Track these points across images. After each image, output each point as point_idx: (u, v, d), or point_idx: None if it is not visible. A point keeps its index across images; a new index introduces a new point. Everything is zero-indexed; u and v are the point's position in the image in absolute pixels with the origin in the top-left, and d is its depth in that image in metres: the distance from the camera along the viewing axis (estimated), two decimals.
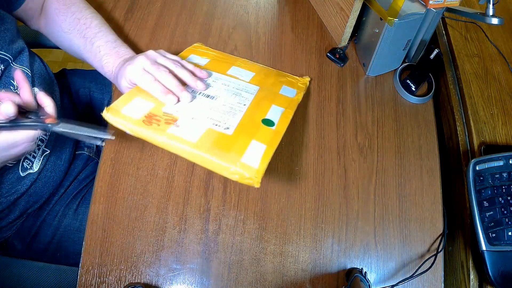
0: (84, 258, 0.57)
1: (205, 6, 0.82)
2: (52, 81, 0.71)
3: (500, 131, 0.65)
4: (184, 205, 0.61)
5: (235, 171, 0.47)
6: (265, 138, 0.52)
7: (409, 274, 0.60)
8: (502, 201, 0.56)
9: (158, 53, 0.57)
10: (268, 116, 0.57)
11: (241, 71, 0.67)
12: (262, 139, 0.52)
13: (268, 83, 0.66)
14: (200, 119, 0.53)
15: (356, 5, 0.68)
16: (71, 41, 0.65)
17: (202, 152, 0.48)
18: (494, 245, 0.55)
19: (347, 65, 0.77)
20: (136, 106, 0.53)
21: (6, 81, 0.57)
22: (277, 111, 0.59)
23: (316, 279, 0.59)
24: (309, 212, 0.62)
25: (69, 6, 0.66)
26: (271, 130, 0.54)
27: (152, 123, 0.51)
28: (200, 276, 0.58)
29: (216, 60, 0.69)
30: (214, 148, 0.49)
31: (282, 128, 0.55)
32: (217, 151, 0.49)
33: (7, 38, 0.58)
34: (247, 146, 0.51)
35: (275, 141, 0.53)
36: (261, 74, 0.68)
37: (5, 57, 0.58)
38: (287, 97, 0.64)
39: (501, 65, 0.73)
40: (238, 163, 0.48)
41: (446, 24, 0.79)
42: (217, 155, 0.48)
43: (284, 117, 0.58)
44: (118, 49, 0.62)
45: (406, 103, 0.73)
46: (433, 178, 0.67)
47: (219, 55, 0.72)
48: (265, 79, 0.67)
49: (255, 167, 0.48)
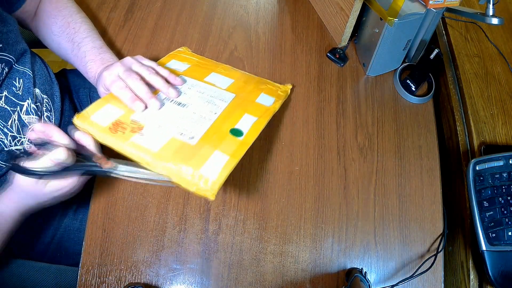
0: (84, 258, 0.57)
1: (205, 6, 0.82)
2: (52, 81, 0.71)
3: (500, 131, 0.65)
4: (184, 205, 0.61)
5: (193, 182, 0.47)
6: (230, 149, 0.51)
7: (409, 274, 0.60)
8: (502, 201, 0.56)
9: (135, 60, 0.57)
10: (238, 125, 0.55)
11: (220, 77, 0.65)
12: (226, 150, 0.51)
13: (246, 91, 0.64)
14: (166, 127, 0.53)
15: (356, 5, 0.68)
16: (60, 44, 0.66)
17: (162, 162, 0.48)
18: (494, 245, 0.55)
19: (347, 65, 0.77)
20: (105, 113, 0.53)
21: (9, 83, 0.58)
22: (249, 120, 0.57)
23: (316, 279, 0.59)
24: (309, 212, 0.62)
25: (61, 10, 0.67)
26: (238, 140, 0.53)
27: (117, 131, 0.51)
28: (200, 276, 0.58)
29: (196, 66, 0.68)
30: (174, 158, 0.48)
31: (251, 138, 0.54)
32: (177, 161, 0.48)
33: (10, 40, 0.58)
34: (208, 157, 0.49)
35: (239, 152, 0.51)
36: (240, 81, 0.66)
37: (9, 58, 0.58)
38: (263, 105, 0.61)
39: (501, 65, 0.73)
40: (197, 174, 0.47)
41: (446, 24, 0.79)
42: (176, 165, 0.48)
43: (255, 127, 0.56)
44: (103, 56, 0.63)
45: (406, 103, 0.73)
46: (433, 178, 0.67)
47: (201, 61, 0.70)
48: (243, 86, 0.65)
49: (213, 178, 0.47)
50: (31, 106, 0.61)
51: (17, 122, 0.58)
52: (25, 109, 0.60)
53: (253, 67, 0.75)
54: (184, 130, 0.53)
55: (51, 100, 0.68)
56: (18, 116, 0.58)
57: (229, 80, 0.65)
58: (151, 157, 0.48)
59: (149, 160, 0.48)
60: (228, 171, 0.48)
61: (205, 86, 0.62)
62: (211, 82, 0.63)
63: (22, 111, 0.59)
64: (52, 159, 0.45)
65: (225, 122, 0.55)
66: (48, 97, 0.66)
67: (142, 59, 0.59)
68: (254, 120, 0.57)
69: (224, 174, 0.48)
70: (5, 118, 0.56)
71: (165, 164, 0.48)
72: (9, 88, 0.57)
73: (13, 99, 0.58)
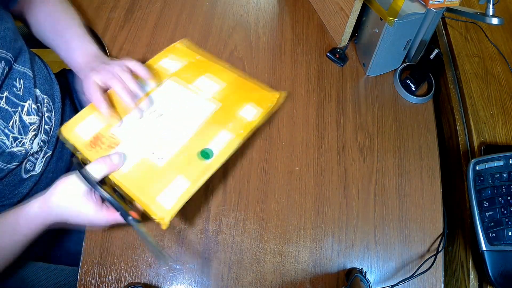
0: (84, 258, 0.57)
1: (205, 6, 0.82)
2: (53, 81, 0.71)
3: (500, 131, 0.65)
4: (184, 205, 0.61)
5: (151, 210, 0.48)
6: (193, 174, 0.51)
7: (409, 274, 0.60)
8: (502, 201, 0.56)
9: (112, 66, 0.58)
10: (210, 145, 0.55)
11: (210, 83, 0.63)
12: (189, 175, 0.51)
13: (232, 99, 0.61)
14: (140, 144, 0.54)
15: (356, 5, 0.68)
16: (44, 32, 0.67)
17: (127, 184, 0.50)
18: (494, 245, 0.55)
19: (347, 65, 0.77)
20: (88, 124, 0.56)
21: (9, 83, 0.57)
22: (224, 138, 0.56)
23: (316, 279, 0.59)
24: (309, 212, 0.62)
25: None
26: (204, 164, 0.53)
27: (96, 145, 0.53)
28: (200, 276, 0.58)
29: (191, 65, 0.66)
30: (139, 181, 0.50)
31: (219, 160, 0.53)
32: (141, 185, 0.50)
33: (8, 37, 0.58)
34: (170, 182, 0.51)
35: (202, 176, 0.51)
36: (232, 85, 0.64)
37: (7, 56, 0.58)
38: (244, 119, 0.59)
39: (501, 65, 0.73)
40: (154, 202, 0.48)
41: (446, 24, 0.79)
42: (139, 190, 0.50)
43: (228, 146, 0.55)
44: (86, 46, 0.64)
45: (406, 103, 0.73)
46: (433, 178, 0.67)
47: (201, 58, 0.69)
48: (231, 94, 0.62)
49: (167, 208, 0.48)
50: (32, 106, 0.61)
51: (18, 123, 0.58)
52: (26, 109, 0.59)
53: (253, 67, 0.75)
54: (156, 149, 0.54)
55: (52, 100, 0.68)
56: (19, 116, 0.58)
57: (218, 85, 0.63)
58: (119, 177, 0.51)
59: (118, 179, 0.51)
60: (186, 198, 0.50)
61: (190, 95, 0.61)
62: (199, 87, 0.62)
63: (23, 111, 0.59)
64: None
65: (198, 140, 0.55)
66: (48, 97, 0.66)
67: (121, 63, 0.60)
68: (229, 138, 0.56)
69: (180, 202, 0.49)
70: (6, 119, 0.56)
71: (129, 187, 0.50)
72: (10, 89, 0.57)
73: (14, 100, 0.58)
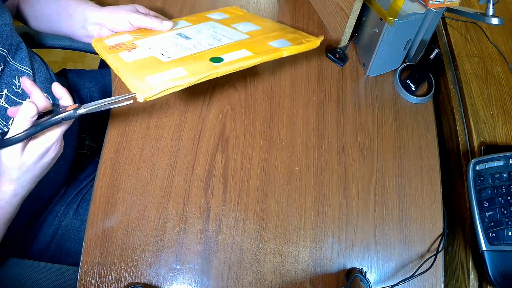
0: (84, 258, 0.57)
1: (205, 6, 0.82)
2: (53, 80, 0.71)
3: (500, 131, 0.65)
4: (184, 205, 0.61)
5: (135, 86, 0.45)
6: (194, 69, 0.47)
7: (409, 274, 0.60)
8: (502, 201, 0.56)
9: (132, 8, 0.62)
10: (224, 55, 0.50)
11: (248, 24, 0.62)
12: (189, 68, 0.47)
13: (265, 35, 0.58)
14: (154, 50, 0.53)
15: (356, 5, 0.68)
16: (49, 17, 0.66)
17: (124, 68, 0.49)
18: (494, 245, 0.55)
19: (347, 65, 0.77)
20: (118, 38, 0.57)
21: (9, 81, 0.57)
22: (241, 54, 0.51)
23: (316, 279, 0.59)
24: (309, 212, 0.62)
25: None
26: (210, 65, 0.48)
27: (115, 48, 0.54)
28: (200, 276, 0.58)
29: (236, 16, 0.68)
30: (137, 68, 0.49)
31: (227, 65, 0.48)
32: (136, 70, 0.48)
33: (4, 33, 0.58)
34: (167, 70, 0.47)
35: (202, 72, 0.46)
36: (269, 28, 0.60)
37: (3, 52, 0.58)
38: (272, 46, 0.54)
39: (501, 65, 0.73)
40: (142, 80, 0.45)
41: (446, 24, 0.79)
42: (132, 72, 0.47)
43: (242, 59, 0.49)
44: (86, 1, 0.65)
45: (406, 103, 0.73)
46: (433, 178, 0.67)
47: (246, 13, 0.70)
48: (266, 32, 0.59)
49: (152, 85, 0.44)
50: None
51: None
52: None
53: (253, 67, 0.74)
54: (168, 52, 0.52)
55: (52, 98, 0.68)
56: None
57: (256, 26, 0.61)
58: (121, 65, 0.50)
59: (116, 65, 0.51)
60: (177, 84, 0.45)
61: (224, 27, 0.61)
62: (234, 27, 0.61)
63: None
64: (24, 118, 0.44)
65: (213, 53, 0.51)
66: (49, 96, 0.66)
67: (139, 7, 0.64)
68: (246, 54, 0.51)
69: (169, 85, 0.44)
70: (6, 118, 0.56)
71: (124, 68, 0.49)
72: (9, 87, 0.57)
73: (14, 98, 0.58)
